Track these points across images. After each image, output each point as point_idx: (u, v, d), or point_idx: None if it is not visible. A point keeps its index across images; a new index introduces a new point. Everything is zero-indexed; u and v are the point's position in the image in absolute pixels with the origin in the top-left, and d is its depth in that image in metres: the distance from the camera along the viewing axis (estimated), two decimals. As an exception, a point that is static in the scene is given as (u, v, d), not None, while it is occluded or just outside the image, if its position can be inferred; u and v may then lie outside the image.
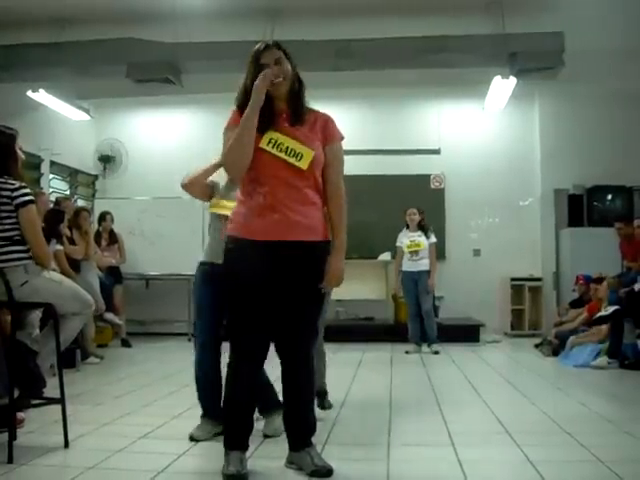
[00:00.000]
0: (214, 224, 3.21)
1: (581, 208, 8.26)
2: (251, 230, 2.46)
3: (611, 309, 5.66)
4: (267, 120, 2.48)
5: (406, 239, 6.83)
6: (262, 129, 2.47)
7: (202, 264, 3.18)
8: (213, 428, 3.04)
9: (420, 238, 6.77)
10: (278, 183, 2.46)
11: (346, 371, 5.35)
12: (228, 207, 3.05)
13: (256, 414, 2.77)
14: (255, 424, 2.62)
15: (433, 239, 6.85)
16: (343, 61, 6.32)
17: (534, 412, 3.73)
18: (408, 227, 6.90)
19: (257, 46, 2.52)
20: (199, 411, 3.16)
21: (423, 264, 6.72)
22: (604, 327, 5.74)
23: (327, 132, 2.57)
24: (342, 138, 2.61)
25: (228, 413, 2.56)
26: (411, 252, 6.75)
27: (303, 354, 2.58)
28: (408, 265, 6.78)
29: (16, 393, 2.83)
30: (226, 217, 3.01)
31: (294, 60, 2.54)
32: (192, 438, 3.02)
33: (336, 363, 5.86)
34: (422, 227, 6.85)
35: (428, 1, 5.92)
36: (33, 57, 6.26)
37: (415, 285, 6.75)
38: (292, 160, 2.45)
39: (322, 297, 2.59)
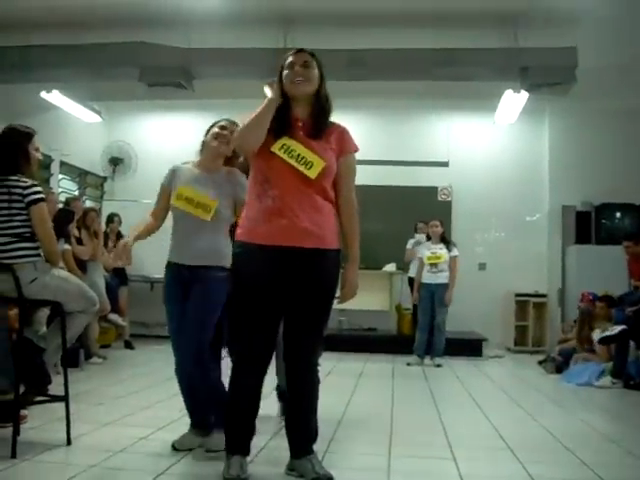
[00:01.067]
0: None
1: (589, 225, 8.24)
2: (258, 235, 2.47)
3: (617, 329, 5.61)
4: (283, 126, 2.49)
5: (427, 251, 6.81)
6: (277, 134, 2.48)
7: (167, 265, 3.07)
8: (196, 438, 2.95)
9: (441, 251, 6.75)
10: (288, 188, 2.46)
11: (347, 381, 5.34)
12: (183, 198, 2.92)
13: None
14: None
15: (455, 252, 6.80)
16: (355, 71, 6.32)
17: (537, 429, 3.71)
18: (430, 239, 6.91)
19: (291, 51, 2.58)
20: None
21: (442, 277, 6.69)
22: (605, 348, 5.69)
23: (342, 144, 2.57)
24: (356, 150, 2.62)
25: (230, 417, 2.55)
26: (431, 264, 6.73)
27: (307, 362, 2.57)
28: (427, 277, 6.76)
29: (22, 389, 2.84)
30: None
31: (323, 71, 2.56)
32: (174, 447, 2.91)
33: (338, 373, 5.85)
34: (444, 239, 6.85)
35: (441, 13, 5.92)
36: (48, 58, 6.31)
37: (431, 297, 6.73)
38: (302, 168, 2.45)
39: (329, 305, 2.58)
